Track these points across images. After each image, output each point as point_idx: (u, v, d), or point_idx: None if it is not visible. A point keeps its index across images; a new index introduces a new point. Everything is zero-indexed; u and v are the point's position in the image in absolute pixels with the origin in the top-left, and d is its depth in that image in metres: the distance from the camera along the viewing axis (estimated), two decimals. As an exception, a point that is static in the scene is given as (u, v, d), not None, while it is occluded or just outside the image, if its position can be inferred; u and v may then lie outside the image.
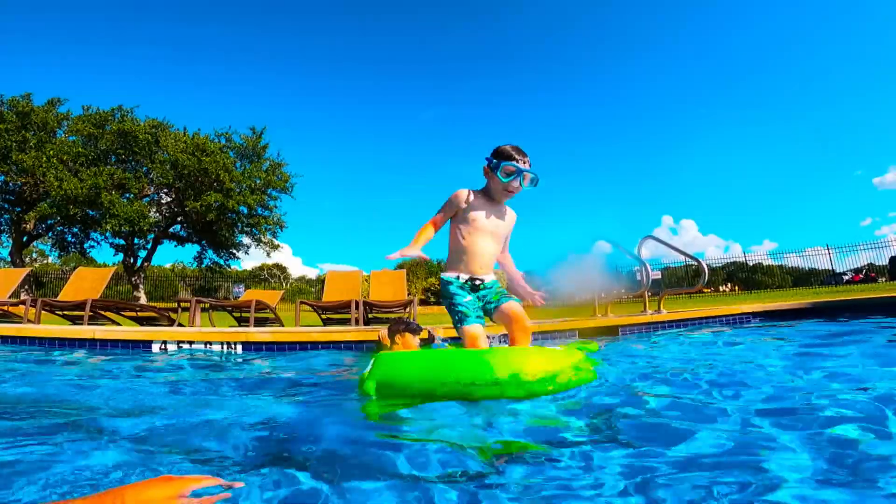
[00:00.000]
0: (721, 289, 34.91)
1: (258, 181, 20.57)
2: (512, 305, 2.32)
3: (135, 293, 21.35)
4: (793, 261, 26.09)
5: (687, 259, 5.58)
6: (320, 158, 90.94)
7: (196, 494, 0.84)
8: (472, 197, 2.40)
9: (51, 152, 17.88)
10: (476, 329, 2.23)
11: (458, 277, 2.43)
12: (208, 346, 3.46)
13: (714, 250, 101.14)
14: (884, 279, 23.50)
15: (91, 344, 3.59)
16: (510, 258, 2.60)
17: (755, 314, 4.58)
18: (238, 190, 19.65)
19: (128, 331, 3.73)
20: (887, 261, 24.00)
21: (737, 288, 31.77)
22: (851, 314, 4.22)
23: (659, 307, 5.10)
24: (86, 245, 22.18)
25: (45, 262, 33.51)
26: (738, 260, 33.08)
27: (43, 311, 6.99)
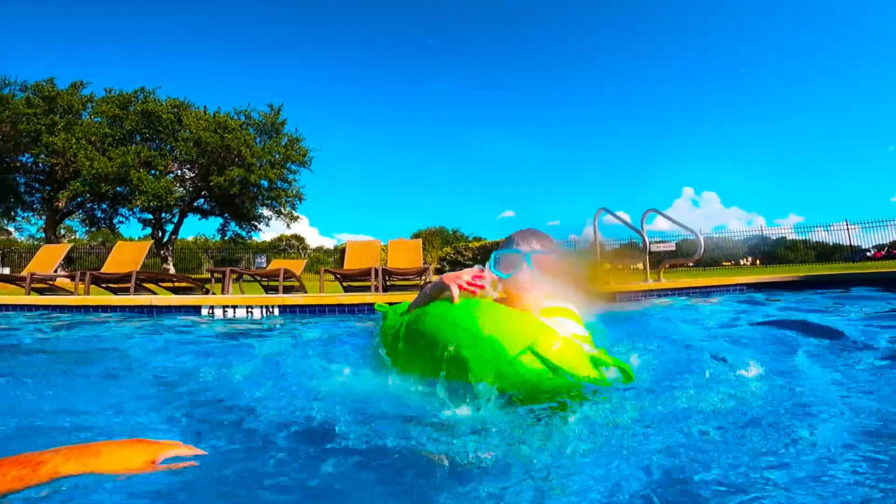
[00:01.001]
0: (742, 262, 34.58)
1: (277, 156, 21.41)
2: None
3: (164, 265, 22.40)
4: (818, 235, 25.52)
5: (687, 232, 5.86)
6: (336, 130, 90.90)
7: (169, 461, 0.88)
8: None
9: (79, 134, 18.77)
10: None
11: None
12: (249, 310, 3.96)
13: (736, 223, 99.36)
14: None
15: (149, 310, 4.13)
16: None
17: (748, 285, 4.91)
18: (259, 164, 20.54)
19: (181, 298, 4.26)
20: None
21: (757, 262, 31.42)
22: (835, 286, 4.53)
23: (659, 277, 5.45)
24: (115, 220, 23.37)
25: (72, 237, 34.92)
26: (761, 234, 32.33)
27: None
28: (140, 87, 20.91)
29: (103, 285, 8.22)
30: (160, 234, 22.83)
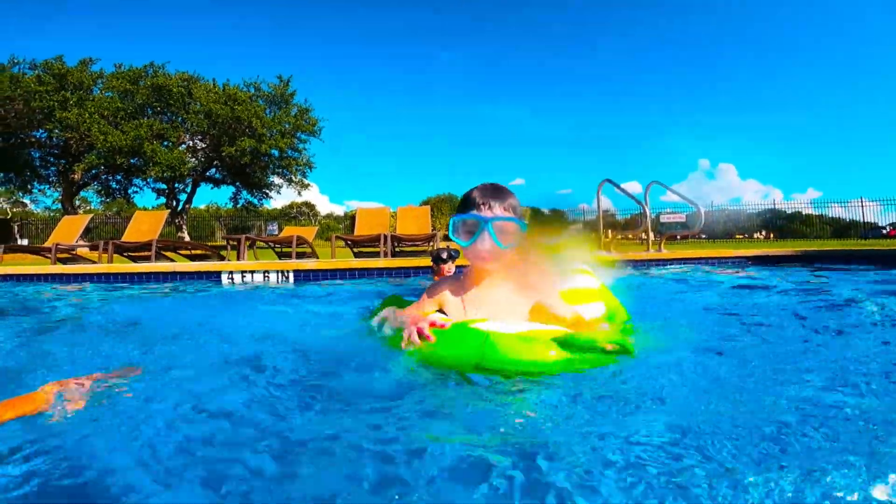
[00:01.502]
0: (756, 236, 34.26)
1: (288, 126, 21.75)
2: None
3: (178, 234, 22.94)
4: (835, 211, 24.98)
5: (667, 215, 5.98)
6: (346, 100, 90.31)
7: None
8: None
9: (91, 109, 19.29)
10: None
11: None
12: (266, 275, 4.22)
13: (752, 195, 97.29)
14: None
15: (172, 277, 4.41)
16: None
17: (747, 258, 5.06)
18: (269, 135, 20.95)
19: (203, 265, 4.53)
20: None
21: (772, 235, 31.09)
22: (833, 262, 4.65)
23: (660, 247, 5.61)
24: (129, 191, 23.97)
25: (87, 208, 35.65)
26: (775, 207, 31.71)
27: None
28: (150, 62, 21.30)
29: (124, 254, 8.53)
30: (174, 203, 23.45)
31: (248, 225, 29.85)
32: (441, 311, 1.53)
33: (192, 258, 8.66)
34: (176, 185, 23.01)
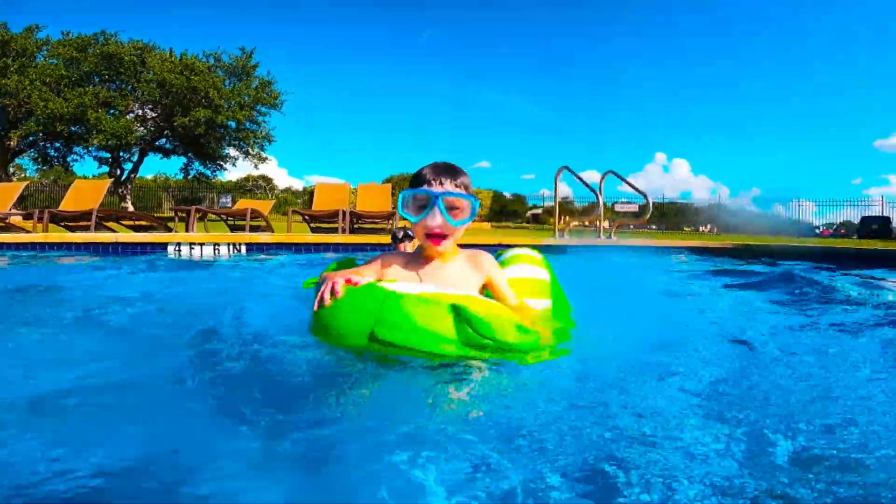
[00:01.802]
0: (701, 229, 36.01)
1: (247, 98, 21.15)
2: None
3: (122, 204, 21.90)
4: (776, 209, 26.50)
5: (622, 204, 6.19)
6: (311, 71, 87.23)
7: None
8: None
9: (33, 76, 18.59)
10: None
11: None
12: (216, 248, 4.07)
13: (702, 192, 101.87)
14: (856, 236, 23.92)
15: (114, 248, 4.19)
16: None
17: (687, 248, 5.33)
18: (227, 106, 20.29)
19: (149, 236, 4.32)
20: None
21: (716, 229, 32.71)
22: (758, 256, 4.98)
23: (611, 234, 5.80)
24: (69, 159, 22.73)
25: (21, 175, 33.47)
26: (720, 203, 33.38)
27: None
28: (101, 30, 20.30)
29: (61, 223, 8.05)
30: (118, 172, 22.31)
31: (198, 197, 28.75)
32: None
33: (136, 229, 8.30)
34: (121, 154, 21.94)
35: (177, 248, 4.12)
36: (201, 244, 4.10)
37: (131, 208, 21.79)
